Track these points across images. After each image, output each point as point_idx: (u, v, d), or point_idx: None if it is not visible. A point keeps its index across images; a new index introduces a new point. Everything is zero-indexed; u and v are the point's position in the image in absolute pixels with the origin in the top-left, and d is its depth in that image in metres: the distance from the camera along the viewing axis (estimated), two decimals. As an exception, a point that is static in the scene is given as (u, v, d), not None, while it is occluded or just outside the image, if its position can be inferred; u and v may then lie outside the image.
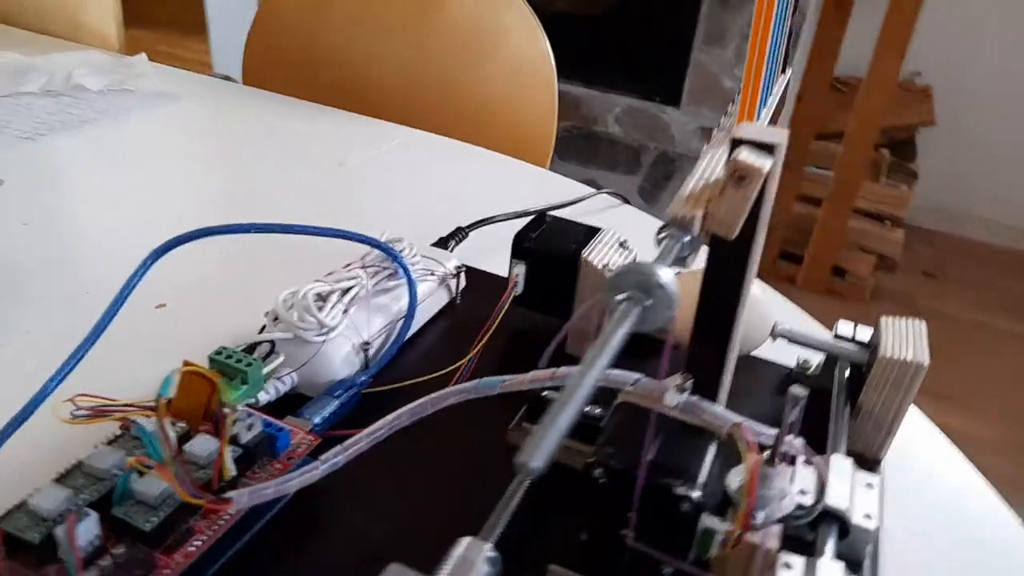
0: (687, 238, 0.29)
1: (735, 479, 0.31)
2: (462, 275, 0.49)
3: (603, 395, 0.38)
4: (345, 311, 0.40)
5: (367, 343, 0.40)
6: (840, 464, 0.34)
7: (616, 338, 0.24)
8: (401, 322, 0.43)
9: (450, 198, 0.66)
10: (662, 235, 0.29)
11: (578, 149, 2.07)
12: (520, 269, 0.45)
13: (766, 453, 0.31)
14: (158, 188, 0.64)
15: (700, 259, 0.32)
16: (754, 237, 0.32)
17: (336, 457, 0.32)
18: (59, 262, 0.53)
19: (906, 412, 0.40)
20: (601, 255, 0.44)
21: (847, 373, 0.44)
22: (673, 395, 0.33)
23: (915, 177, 2.18)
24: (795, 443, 0.32)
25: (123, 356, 0.39)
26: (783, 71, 0.43)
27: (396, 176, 0.70)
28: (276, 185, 0.66)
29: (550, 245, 0.44)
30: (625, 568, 0.31)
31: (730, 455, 0.32)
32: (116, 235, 0.56)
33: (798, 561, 0.29)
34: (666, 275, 0.26)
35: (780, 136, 0.30)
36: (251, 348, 0.39)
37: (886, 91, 1.81)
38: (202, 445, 0.31)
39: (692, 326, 0.35)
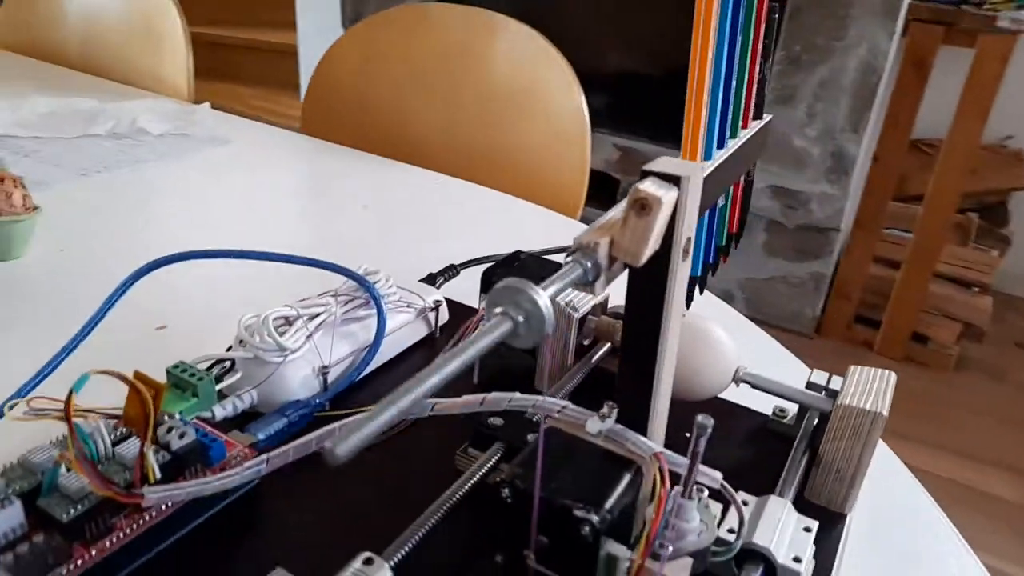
0: (590, 263, 0.29)
1: (652, 510, 0.31)
2: (442, 309, 0.50)
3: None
4: (309, 335, 0.42)
5: (326, 367, 0.42)
6: (776, 505, 0.33)
7: (475, 347, 0.24)
8: (367, 350, 0.44)
9: (468, 240, 0.68)
10: (567, 259, 0.30)
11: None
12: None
13: (678, 487, 0.31)
14: (189, 220, 0.68)
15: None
16: (669, 267, 0.32)
17: (258, 465, 0.33)
18: (92, 283, 0.57)
19: (868, 464, 0.38)
20: (567, 294, 0.44)
21: (815, 422, 0.42)
22: (595, 423, 0.33)
23: (1007, 243, 2.06)
24: (713, 475, 0.31)
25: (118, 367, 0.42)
26: (756, 117, 0.43)
27: (419, 218, 0.72)
28: (302, 221, 0.70)
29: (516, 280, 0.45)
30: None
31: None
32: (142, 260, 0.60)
33: None
34: (540, 296, 0.26)
35: (689, 170, 0.30)
36: (214, 365, 0.41)
37: (967, 154, 1.74)
38: (131, 448, 0.33)
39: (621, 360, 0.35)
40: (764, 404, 0.46)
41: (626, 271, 0.32)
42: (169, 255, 0.42)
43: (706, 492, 0.33)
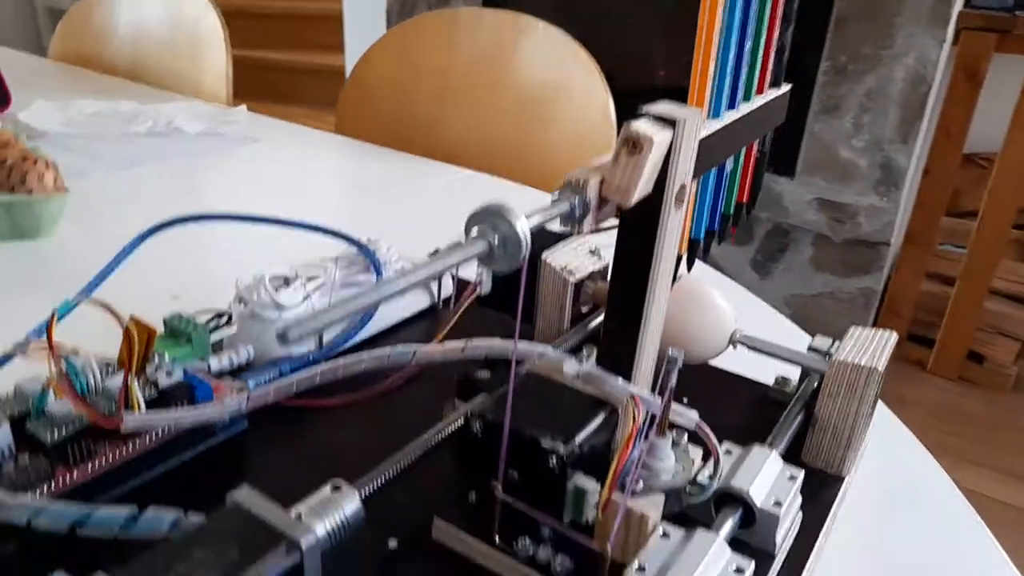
0: (577, 199, 0.29)
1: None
2: (446, 281, 0.50)
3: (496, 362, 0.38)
4: (307, 296, 0.43)
5: (322, 324, 0.43)
6: (759, 453, 0.32)
7: (444, 260, 0.24)
8: (363, 313, 0.45)
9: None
10: (555, 196, 0.30)
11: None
12: (485, 270, 0.46)
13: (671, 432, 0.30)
14: (214, 209, 0.70)
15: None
16: (661, 212, 0.31)
17: (239, 402, 0.33)
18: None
19: (864, 423, 0.36)
20: (563, 258, 0.44)
21: (815, 386, 0.41)
22: (572, 365, 0.32)
23: (1068, 259, 1.97)
24: (689, 415, 0.30)
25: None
26: (774, 85, 0.41)
27: (443, 210, 0.73)
28: (326, 211, 0.71)
29: (513, 245, 0.45)
30: (500, 522, 0.30)
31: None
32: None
33: (677, 531, 0.28)
34: (519, 219, 0.26)
35: (686, 114, 0.30)
36: (213, 319, 0.42)
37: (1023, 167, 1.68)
38: (118, 382, 0.34)
39: (607, 307, 0.34)
40: (767, 376, 0.44)
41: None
42: (177, 217, 0.43)
43: (686, 437, 0.32)
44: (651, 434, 0.30)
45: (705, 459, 0.32)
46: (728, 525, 0.30)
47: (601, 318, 0.45)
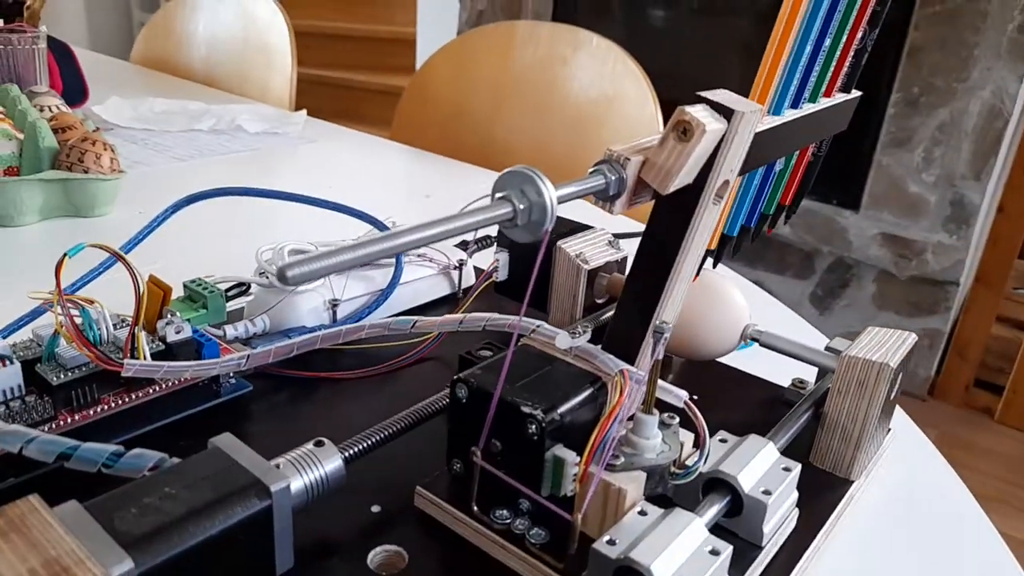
0: (614, 177, 0.28)
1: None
2: (467, 271, 0.51)
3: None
4: (326, 271, 0.44)
5: (336, 300, 0.43)
6: (754, 442, 0.31)
7: (465, 219, 0.24)
8: (380, 294, 0.45)
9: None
10: (591, 169, 0.29)
11: (744, 250, 2.01)
12: (503, 257, 0.46)
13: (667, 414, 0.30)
14: (266, 206, 0.73)
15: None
16: (697, 206, 0.31)
17: (237, 360, 0.34)
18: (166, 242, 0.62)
19: (876, 425, 0.35)
20: (579, 245, 0.44)
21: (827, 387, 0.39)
22: (564, 339, 0.32)
23: None
24: (678, 393, 0.30)
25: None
26: (844, 89, 0.39)
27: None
28: (366, 206, 0.73)
29: (530, 233, 0.45)
30: (480, 491, 0.30)
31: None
32: (210, 225, 0.65)
33: (655, 511, 0.27)
34: (547, 187, 0.25)
35: (747, 107, 0.29)
36: (233, 287, 0.43)
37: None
38: (126, 333, 0.35)
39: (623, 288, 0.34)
40: (787, 379, 0.43)
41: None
42: (211, 189, 0.45)
43: (678, 420, 0.31)
44: (635, 408, 0.29)
45: (697, 445, 0.31)
46: (713, 510, 0.29)
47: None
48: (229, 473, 0.27)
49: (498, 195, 0.26)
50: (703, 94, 0.30)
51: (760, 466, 0.30)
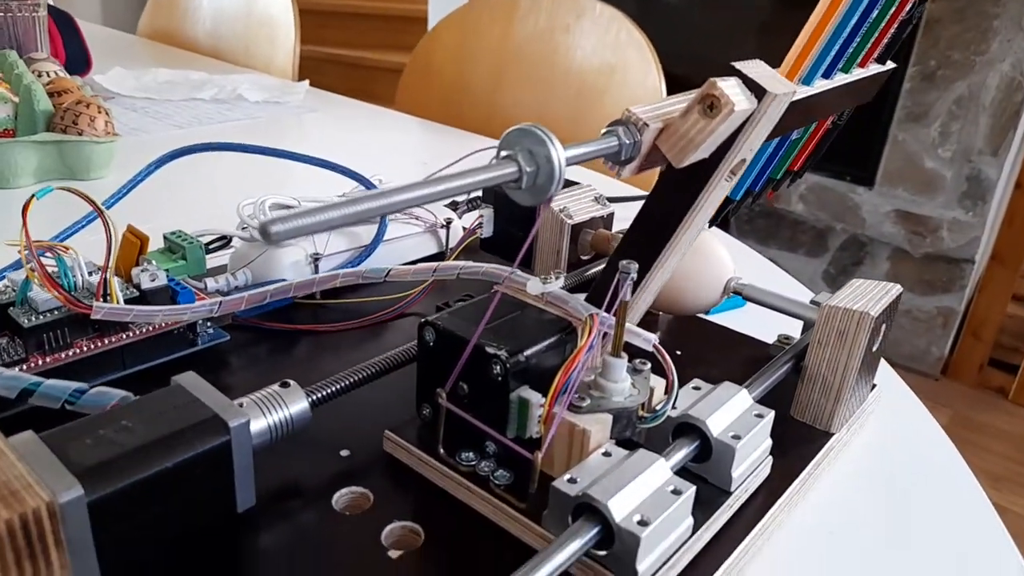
0: (629, 141, 0.27)
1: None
2: (455, 228, 0.50)
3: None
4: (308, 226, 0.44)
5: (318, 255, 0.43)
6: (727, 389, 0.31)
7: (465, 179, 0.22)
8: (364, 249, 0.45)
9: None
10: (605, 129, 0.27)
11: (757, 227, 1.99)
12: (487, 213, 0.45)
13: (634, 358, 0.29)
14: (258, 166, 0.73)
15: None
16: (708, 182, 0.30)
17: (209, 306, 0.34)
18: (161, 204, 0.62)
19: (858, 377, 0.34)
20: (564, 201, 0.43)
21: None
22: (536, 284, 0.31)
23: None
24: (647, 336, 0.29)
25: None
26: (880, 60, 0.38)
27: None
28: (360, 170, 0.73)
29: (515, 188, 0.45)
30: (446, 434, 0.30)
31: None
32: (207, 188, 0.65)
33: (620, 452, 0.27)
34: (557, 149, 0.24)
35: (781, 88, 0.28)
36: (214, 241, 0.43)
37: None
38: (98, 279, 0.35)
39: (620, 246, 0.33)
40: (773, 337, 0.42)
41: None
42: (192, 145, 0.45)
43: (649, 366, 0.31)
44: (603, 352, 0.29)
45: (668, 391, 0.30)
46: (680, 453, 0.28)
47: (600, 267, 0.44)
48: (188, 409, 0.26)
49: (504, 154, 0.25)
50: (738, 65, 0.28)
51: (731, 412, 0.30)
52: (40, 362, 0.32)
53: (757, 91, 0.28)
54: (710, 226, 0.39)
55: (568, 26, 0.96)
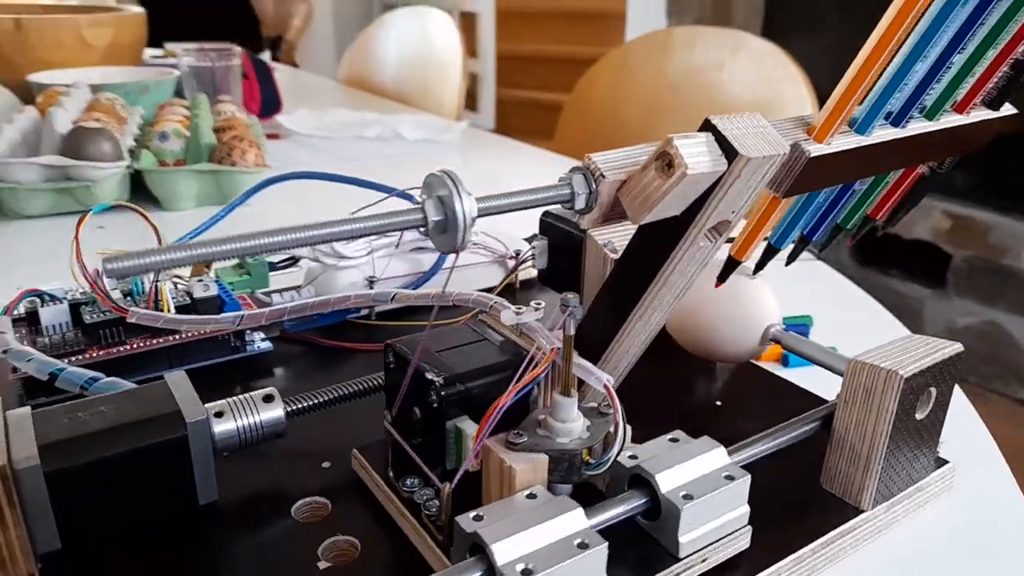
0: (583, 191, 0.26)
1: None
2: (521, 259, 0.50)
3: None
4: (370, 251, 0.46)
5: (374, 278, 0.45)
6: (701, 444, 0.28)
7: (366, 223, 0.23)
8: (422, 275, 0.46)
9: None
10: (561, 176, 0.27)
11: (979, 285, 1.76)
12: (540, 244, 0.45)
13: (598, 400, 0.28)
14: (349, 197, 0.77)
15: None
16: (682, 240, 0.27)
17: (231, 319, 0.37)
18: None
19: (884, 442, 0.29)
20: (608, 235, 0.42)
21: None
22: (509, 314, 0.31)
23: None
24: (600, 375, 0.28)
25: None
26: (989, 105, 0.32)
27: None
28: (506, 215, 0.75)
29: (566, 221, 0.44)
30: (395, 459, 0.30)
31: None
32: (292, 219, 0.70)
33: (547, 496, 0.26)
34: (466, 203, 0.24)
35: (764, 149, 0.25)
36: (284, 260, 0.46)
37: None
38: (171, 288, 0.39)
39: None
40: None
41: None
42: (288, 173, 0.49)
43: (618, 411, 0.29)
44: (551, 388, 0.27)
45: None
46: (621, 508, 0.26)
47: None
48: (158, 403, 0.29)
49: (418, 199, 0.25)
50: (716, 120, 0.25)
51: (694, 469, 0.27)
52: (95, 354, 0.37)
53: (729, 152, 0.25)
54: (754, 274, 0.36)
55: (723, 63, 0.93)
